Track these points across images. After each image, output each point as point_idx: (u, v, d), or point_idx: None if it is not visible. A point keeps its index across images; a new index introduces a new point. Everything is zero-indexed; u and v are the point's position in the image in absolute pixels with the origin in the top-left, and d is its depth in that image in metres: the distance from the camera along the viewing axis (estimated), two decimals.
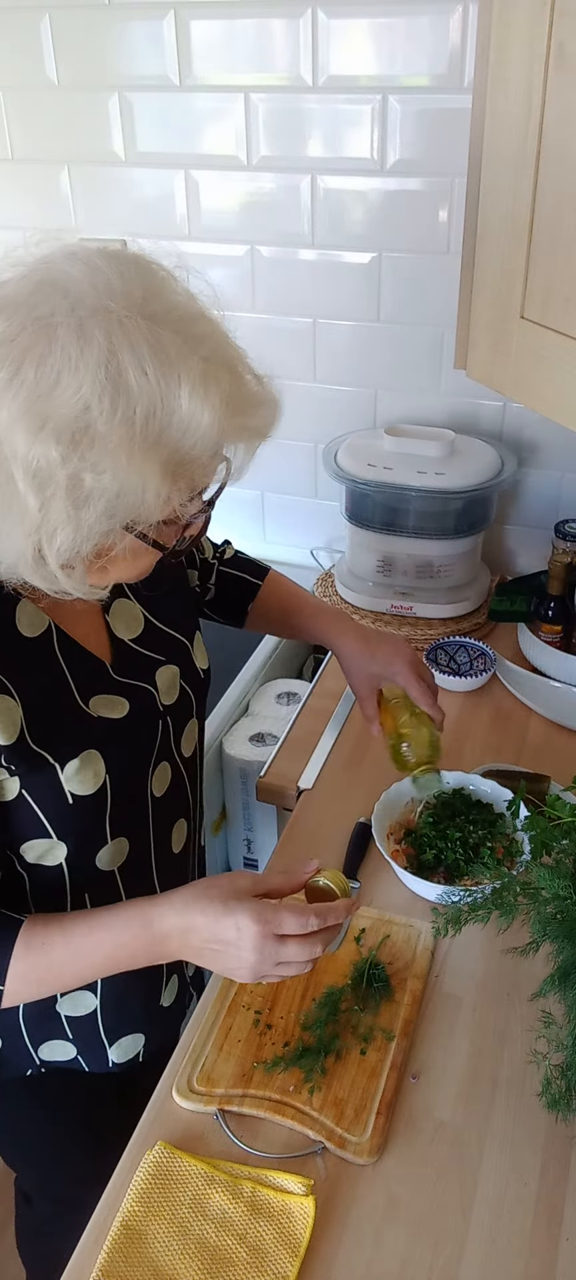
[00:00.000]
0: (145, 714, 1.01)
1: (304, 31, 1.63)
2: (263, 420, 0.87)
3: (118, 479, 0.75)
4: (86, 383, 0.73)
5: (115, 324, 0.75)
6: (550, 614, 1.64)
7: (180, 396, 0.76)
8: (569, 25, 1.10)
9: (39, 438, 0.73)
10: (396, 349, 1.83)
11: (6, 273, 0.79)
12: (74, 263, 0.78)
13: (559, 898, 0.90)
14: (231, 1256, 0.84)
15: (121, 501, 0.76)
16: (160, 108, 1.78)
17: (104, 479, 0.75)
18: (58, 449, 0.73)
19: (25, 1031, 1.05)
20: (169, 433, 0.76)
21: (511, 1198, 0.89)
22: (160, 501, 0.78)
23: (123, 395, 0.74)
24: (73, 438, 0.73)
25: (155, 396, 0.75)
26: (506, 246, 1.27)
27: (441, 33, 1.57)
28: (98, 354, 0.73)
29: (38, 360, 0.73)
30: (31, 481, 0.74)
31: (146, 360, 0.75)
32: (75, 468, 0.74)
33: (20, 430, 0.73)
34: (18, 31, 1.80)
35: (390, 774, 1.31)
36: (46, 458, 0.73)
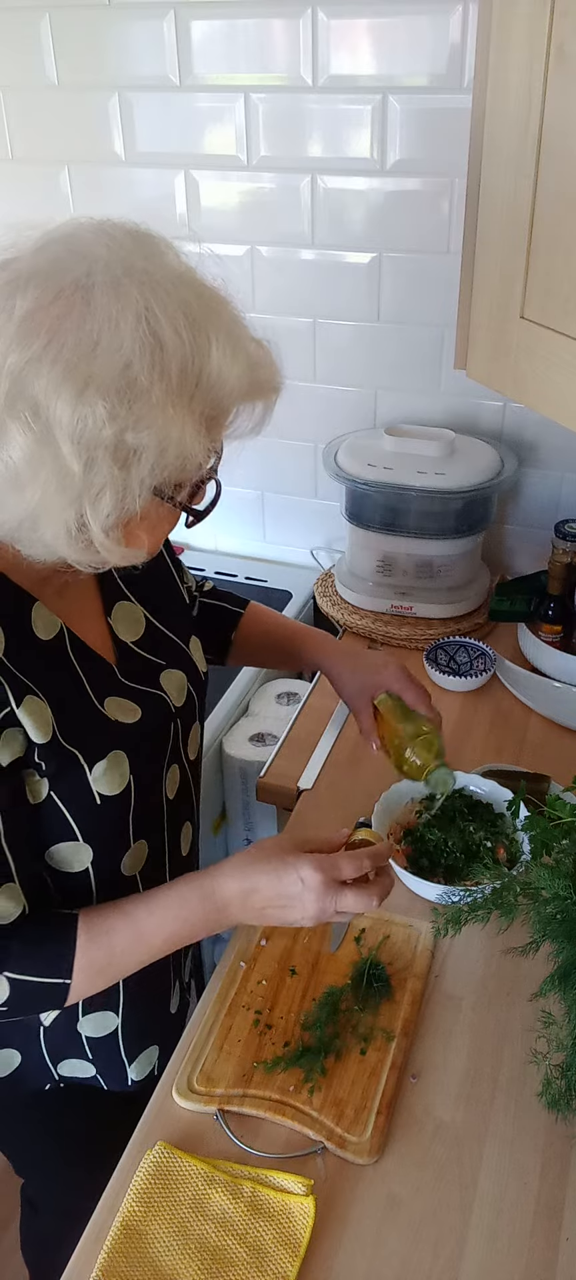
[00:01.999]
0: (158, 716, 1.01)
1: (304, 31, 1.63)
2: (275, 377, 0.89)
3: (160, 433, 0.76)
4: (127, 340, 0.74)
5: (147, 283, 0.76)
6: (550, 614, 1.64)
7: (210, 353, 0.78)
8: (569, 25, 1.10)
9: (83, 398, 0.73)
10: (396, 349, 1.83)
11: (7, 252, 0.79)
12: (86, 231, 0.80)
13: (559, 898, 0.90)
14: (231, 1256, 0.84)
15: (164, 457, 0.77)
16: (160, 108, 1.78)
17: (146, 435, 0.75)
18: (104, 407, 0.73)
19: (45, 1049, 1.05)
20: (202, 386, 0.78)
21: (511, 1198, 0.89)
22: (199, 453, 0.79)
23: (160, 351, 0.75)
24: (117, 395, 0.74)
25: (188, 353, 0.76)
26: (506, 246, 1.27)
27: (441, 33, 1.57)
28: (136, 311, 0.75)
29: (77, 323, 0.74)
30: (76, 446, 0.74)
31: (178, 318, 0.76)
32: (120, 426, 0.74)
33: (64, 395, 0.73)
34: (18, 31, 1.80)
35: (390, 774, 1.31)
36: (92, 418, 0.73)
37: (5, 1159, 1.27)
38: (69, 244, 0.79)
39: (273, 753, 1.50)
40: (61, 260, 0.77)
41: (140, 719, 0.97)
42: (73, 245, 0.78)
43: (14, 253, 0.79)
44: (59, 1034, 1.05)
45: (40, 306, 0.74)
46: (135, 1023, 1.07)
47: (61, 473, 0.75)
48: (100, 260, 0.77)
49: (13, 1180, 1.36)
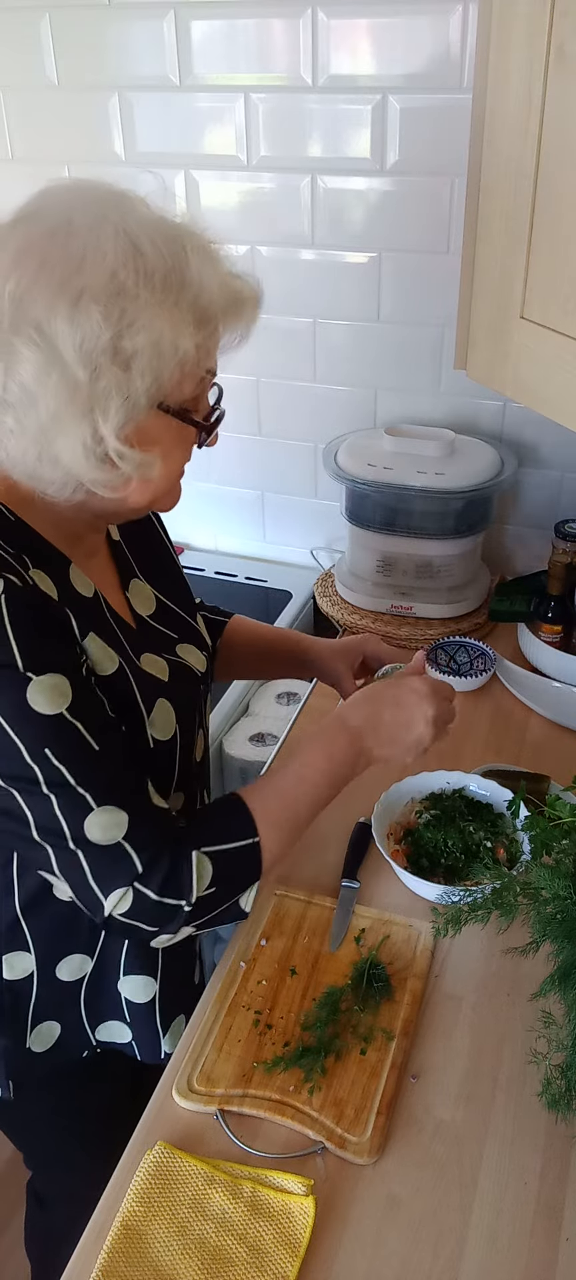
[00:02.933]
0: (185, 677, 1.05)
1: (304, 31, 1.63)
2: (254, 287, 0.95)
3: (152, 332, 0.82)
4: (109, 253, 0.81)
5: (124, 209, 0.85)
6: (550, 614, 1.64)
7: (188, 261, 0.85)
8: (569, 25, 1.10)
9: (79, 308, 0.79)
10: (396, 349, 1.83)
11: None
12: (61, 187, 0.88)
13: (559, 898, 0.90)
14: (231, 1256, 0.84)
15: (160, 355, 0.82)
16: (160, 108, 1.78)
17: (141, 336, 0.81)
18: (98, 312, 0.79)
19: (85, 1012, 1.07)
20: (186, 290, 0.84)
21: (511, 1198, 0.89)
22: (194, 350, 0.84)
23: (141, 258, 0.82)
24: (108, 301, 0.80)
25: (167, 262, 0.84)
26: (506, 246, 1.27)
27: (441, 33, 1.57)
28: (114, 231, 0.82)
29: (63, 245, 0.81)
30: (79, 354, 0.80)
31: (153, 234, 0.84)
32: (115, 329, 0.80)
33: (61, 308, 0.79)
34: (18, 31, 1.80)
35: (390, 774, 1.31)
36: (89, 324, 0.79)
37: (5, 1158, 1.27)
38: (45, 200, 0.86)
39: (273, 753, 1.50)
40: (41, 211, 0.85)
41: (171, 677, 1.02)
42: (49, 201, 0.86)
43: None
44: (100, 995, 1.07)
45: (30, 240, 0.82)
46: (169, 990, 1.10)
47: (70, 384, 0.81)
48: (79, 199, 0.85)
49: (13, 1179, 1.36)
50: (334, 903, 1.19)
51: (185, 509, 1.05)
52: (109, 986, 1.07)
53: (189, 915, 0.91)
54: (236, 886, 0.95)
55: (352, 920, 1.16)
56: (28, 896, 1.00)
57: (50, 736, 0.84)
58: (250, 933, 1.15)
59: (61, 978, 1.05)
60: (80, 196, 0.86)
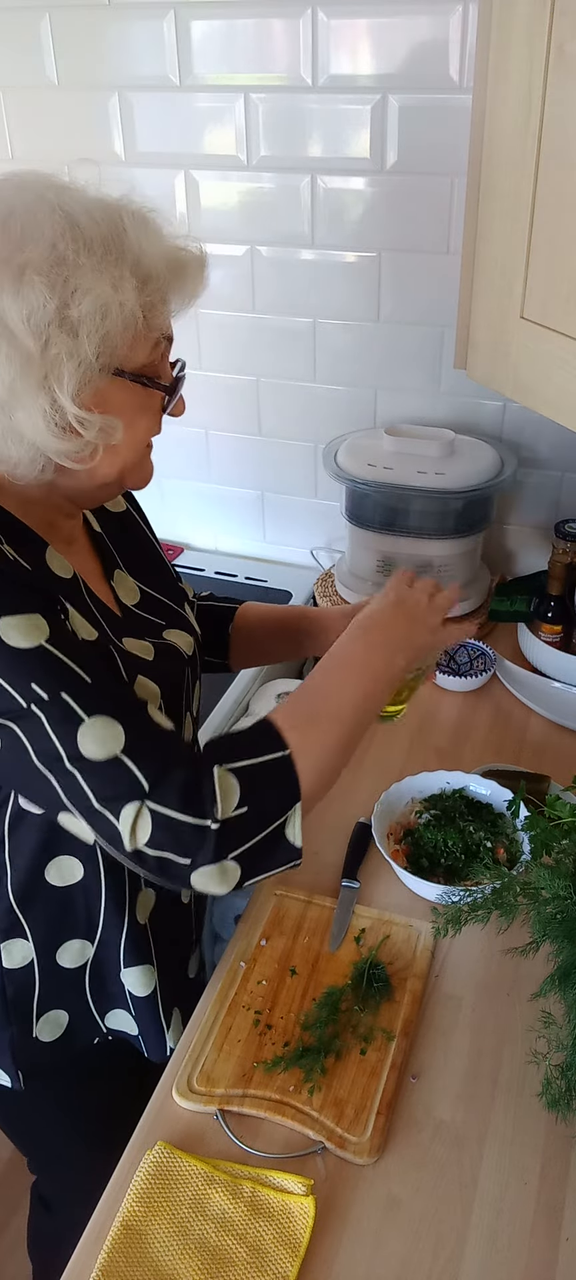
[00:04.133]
0: (172, 659, 1.04)
1: (304, 31, 1.63)
2: (199, 259, 0.95)
3: (97, 295, 0.83)
4: (47, 228, 0.83)
5: (59, 188, 0.88)
6: (550, 614, 1.64)
7: (127, 230, 0.87)
8: (569, 25, 1.10)
9: (23, 281, 0.81)
10: (396, 349, 1.83)
11: None
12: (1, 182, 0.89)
13: (559, 898, 0.90)
14: (231, 1256, 0.84)
15: (106, 317, 0.84)
16: (160, 108, 1.78)
17: (87, 300, 0.83)
18: (42, 283, 0.82)
19: (91, 999, 1.07)
20: (126, 254, 0.86)
21: (511, 1198, 0.89)
22: (140, 310, 0.86)
23: (78, 229, 0.84)
24: (50, 269, 0.82)
25: (105, 232, 0.86)
26: (506, 246, 1.27)
27: (441, 33, 1.56)
28: (50, 208, 0.85)
29: (1, 228, 0.83)
30: (27, 326, 0.82)
31: (91, 208, 0.87)
32: (60, 297, 0.82)
33: (6, 285, 0.81)
34: (18, 31, 1.80)
35: (390, 774, 1.31)
36: (34, 295, 0.81)
37: (6, 1159, 1.27)
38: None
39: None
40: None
41: (155, 657, 1.00)
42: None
43: None
44: (104, 983, 1.07)
45: None
46: (168, 981, 1.10)
47: (23, 356, 0.82)
48: (15, 186, 0.87)
49: (14, 1179, 1.36)
50: (334, 903, 1.19)
51: (185, 509, 1.05)
52: (112, 975, 1.07)
53: (220, 840, 0.83)
54: (271, 809, 0.87)
55: (352, 920, 1.16)
56: (21, 881, 0.99)
57: (32, 667, 0.82)
58: (250, 933, 1.15)
59: (63, 965, 1.04)
60: (16, 184, 0.88)
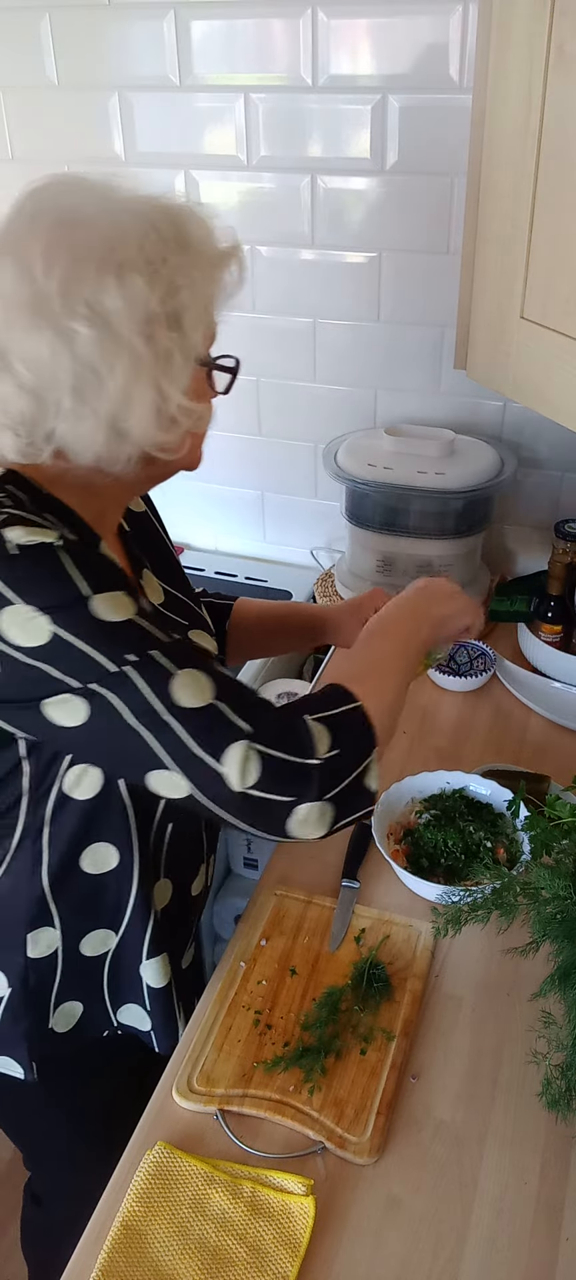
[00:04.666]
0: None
1: (304, 31, 1.63)
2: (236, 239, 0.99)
3: (192, 286, 0.89)
4: (129, 228, 0.86)
5: (117, 188, 0.91)
6: (550, 614, 1.64)
7: (187, 225, 0.91)
8: (569, 25, 1.10)
9: (123, 281, 0.84)
10: (396, 349, 1.83)
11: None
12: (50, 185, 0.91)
13: (559, 898, 0.90)
14: (231, 1256, 0.84)
15: (203, 307, 0.90)
16: (160, 108, 1.78)
17: (183, 294, 0.88)
18: (141, 280, 0.85)
19: (107, 991, 1.08)
20: (193, 246, 0.90)
21: (511, 1198, 0.89)
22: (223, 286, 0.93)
23: (157, 227, 0.88)
24: (146, 267, 0.86)
25: (176, 228, 0.89)
26: (506, 246, 1.28)
27: (441, 33, 1.57)
28: (121, 210, 0.88)
29: (84, 233, 0.85)
30: (134, 324, 0.85)
31: (149, 208, 0.89)
32: (160, 293, 0.86)
33: (108, 285, 0.84)
34: (18, 31, 1.80)
35: (390, 774, 1.31)
36: (135, 292, 0.84)
37: (7, 1160, 1.27)
38: (39, 197, 0.89)
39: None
40: (42, 208, 0.88)
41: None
42: (42, 196, 0.89)
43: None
44: (122, 976, 1.07)
45: (49, 235, 0.85)
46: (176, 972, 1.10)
47: (133, 358, 0.85)
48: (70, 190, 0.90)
49: (17, 1180, 1.36)
50: (334, 903, 1.19)
51: (185, 509, 1.05)
52: (131, 968, 1.07)
53: (321, 779, 0.86)
54: (357, 752, 0.91)
55: (352, 920, 1.16)
56: (56, 868, 0.99)
57: (124, 637, 0.84)
58: (250, 933, 1.15)
59: (85, 954, 1.05)
60: (70, 188, 0.90)
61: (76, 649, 0.82)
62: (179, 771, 0.85)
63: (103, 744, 0.87)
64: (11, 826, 0.97)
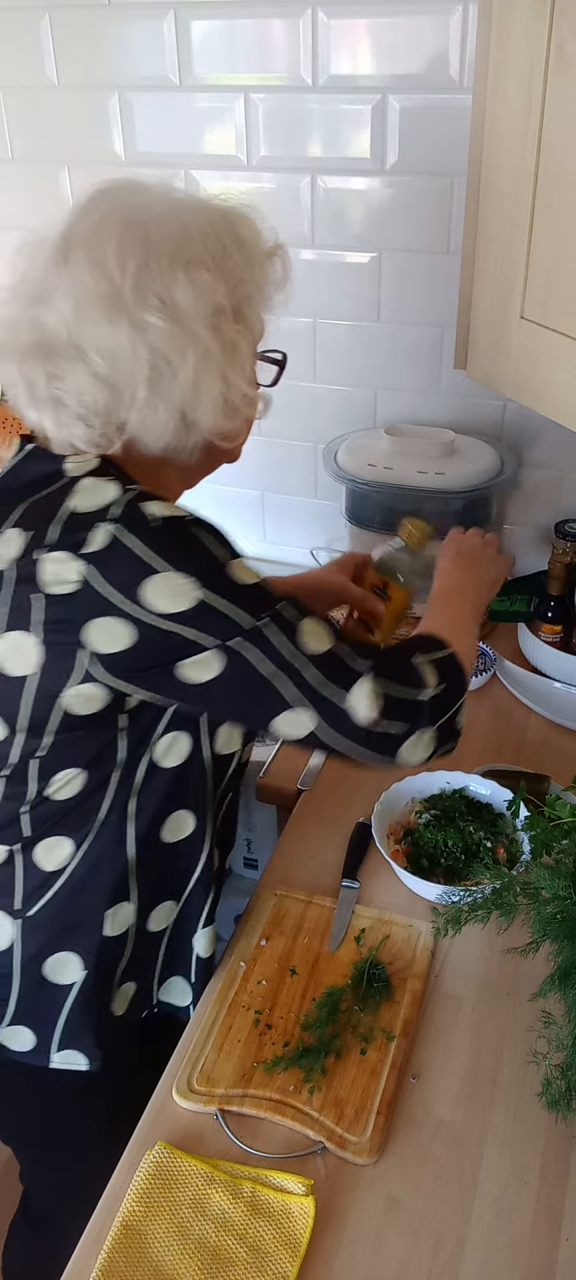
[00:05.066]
0: None
1: (304, 31, 1.63)
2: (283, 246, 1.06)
3: (250, 281, 0.96)
4: (192, 227, 0.93)
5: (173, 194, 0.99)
6: (550, 614, 1.64)
7: (236, 225, 0.98)
8: (569, 25, 1.10)
9: (191, 276, 0.90)
10: (396, 349, 1.83)
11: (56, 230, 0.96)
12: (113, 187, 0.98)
13: (559, 898, 0.90)
14: (231, 1256, 0.84)
15: (263, 299, 0.98)
16: (160, 108, 1.78)
17: (245, 288, 0.95)
18: (208, 275, 0.91)
19: (159, 966, 1.10)
20: (246, 244, 0.97)
21: (511, 1198, 0.89)
22: (275, 281, 1.01)
23: (213, 228, 0.94)
24: (212, 263, 0.92)
25: (227, 226, 0.96)
26: (506, 246, 1.27)
27: (441, 33, 1.56)
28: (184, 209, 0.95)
29: (157, 230, 0.91)
30: (201, 317, 0.91)
31: (204, 209, 0.97)
32: (225, 286, 0.93)
33: (179, 279, 0.90)
34: (18, 31, 1.80)
35: (390, 774, 1.31)
36: (203, 285, 0.91)
37: (5, 1160, 1.25)
38: (107, 197, 0.96)
39: (273, 753, 1.50)
40: (112, 207, 0.94)
41: None
42: (110, 197, 0.96)
43: (63, 227, 0.95)
44: (176, 948, 1.10)
45: (121, 233, 0.91)
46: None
47: (201, 346, 0.91)
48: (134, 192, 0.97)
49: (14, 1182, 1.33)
50: (334, 903, 1.19)
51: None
52: (185, 940, 1.10)
53: (431, 710, 0.97)
54: (456, 691, 1.01)
55: (352, 920, 1.16)
56: (140, 839, 1.01)
57: (256, 597, 0.92)
58: (250, 933, 1.15)
59: (150, 929, 1.07)
60: (135, 190, 0.97)
61: (219, 611, 0.88)
62: (307, 710, 0.92)
63: (234, 694, 0.92)
64: (98, 804, 0.98)
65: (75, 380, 0.90)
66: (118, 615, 0.86)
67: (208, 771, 1.04)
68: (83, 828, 0.98)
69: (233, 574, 0.90)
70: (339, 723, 0.92)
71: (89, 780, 0.97)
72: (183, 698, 0.92)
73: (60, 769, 0.95)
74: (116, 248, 0.90)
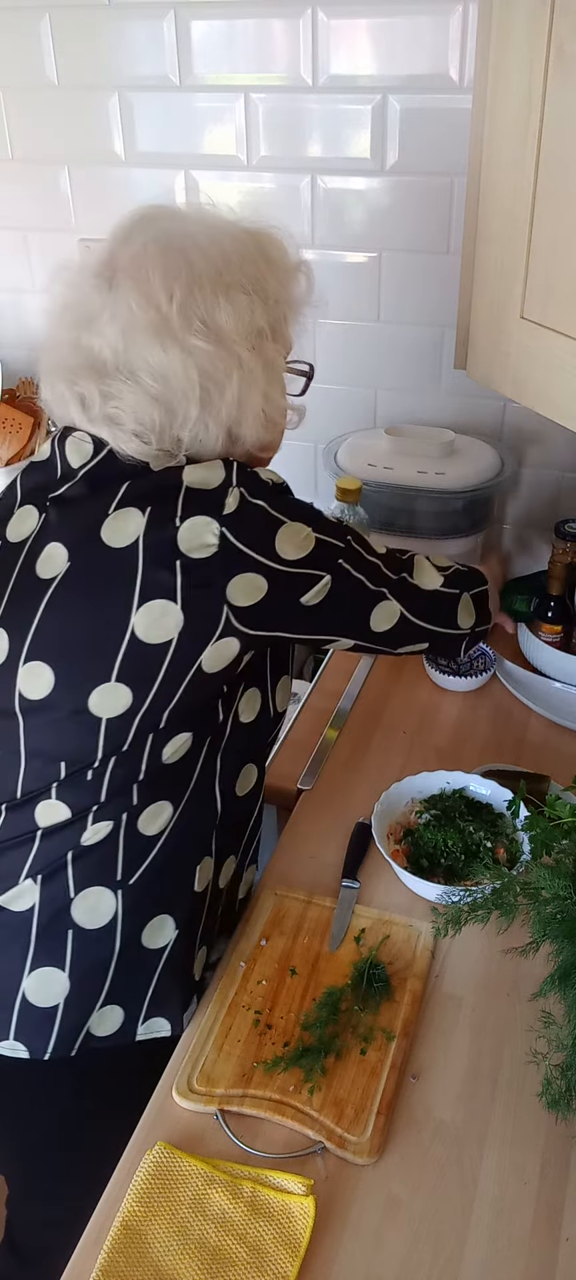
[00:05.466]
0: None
1: (304, 31, 1.63)
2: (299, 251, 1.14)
3: (284, 302, 1.05)
4: (231, 253, 1.01)
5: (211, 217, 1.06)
6: (550, 614, 1.64)
7: (266, 247, 1.06)
8: (569, 25, 1.10)
9: (231, 300, 0.98)
10: (396, 349, 1.83)
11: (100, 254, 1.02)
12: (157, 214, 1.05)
13: (559, 898, 0.90)
14: (231, 1256, 0.84)
15: (296, 318, 1.08)
16: (160, 108, 1.78)
17: (280, 307, 1.04)
18: (246, 299, 0.99)
19: (217, 927, 1.15)
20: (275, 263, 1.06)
21: (511, 1198, 0.89)
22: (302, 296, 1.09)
23: (247, 249, 1.03)
24: (250, 286, 1.00)
25: (258, 249, 1.05)
26: (506, 246, 1.27)
27: (441, 33, 1.56)
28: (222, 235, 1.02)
29: (200, 257, 0.98)
30: (242, 338, 0.99)
31: (237, 233, 1.04)
32: (261, 306, 1.01)
33: (220, 303, 0.97)
34: (18, 31, 1.80)
35: (390, 774, 1.31)
36: (242, 307, 0.99)
37: None
38: (150, 223, 1.02)
39: (273, 752, 1.50)
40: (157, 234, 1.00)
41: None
42: (154, 223, 1.02)
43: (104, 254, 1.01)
44: (229, 902, 1.17)
45: (166, 261, 0.97)
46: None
47: (243, 366, 0.99)
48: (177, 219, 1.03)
49: None
50: (334, 903, 1.19)
51: None
52: (235, 890, 1.18)
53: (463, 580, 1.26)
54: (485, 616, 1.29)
55: (352, 920, 1.16)
56: (227, 790, 1.08)
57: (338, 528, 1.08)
58: (250, 933, 1.15)
59: (220, 886, 1.12)
60: (174, 216, 1.04)
61: (328, 544, 1.03)
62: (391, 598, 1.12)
63: (343, 602, 1.06)
64: (195, 764, 1.04)
65: (131, 399, 0.97)
66: (255, 569, 0.96)
67: (272, 724, 1.13)
68: (180, 788, 1.03)
69: (323, 516, 1.06)
70: (413, 599, 1.13)
71: (193, 742, 1.02)
72: (298, 627, 1.04)
73: (175, 734, 1.00)
74: (162, 276, 0.96)
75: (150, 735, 0.98)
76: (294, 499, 1.04)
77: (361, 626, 1.11)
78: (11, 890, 1.02)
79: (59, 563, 0.97)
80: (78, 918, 1.01)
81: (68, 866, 1.01)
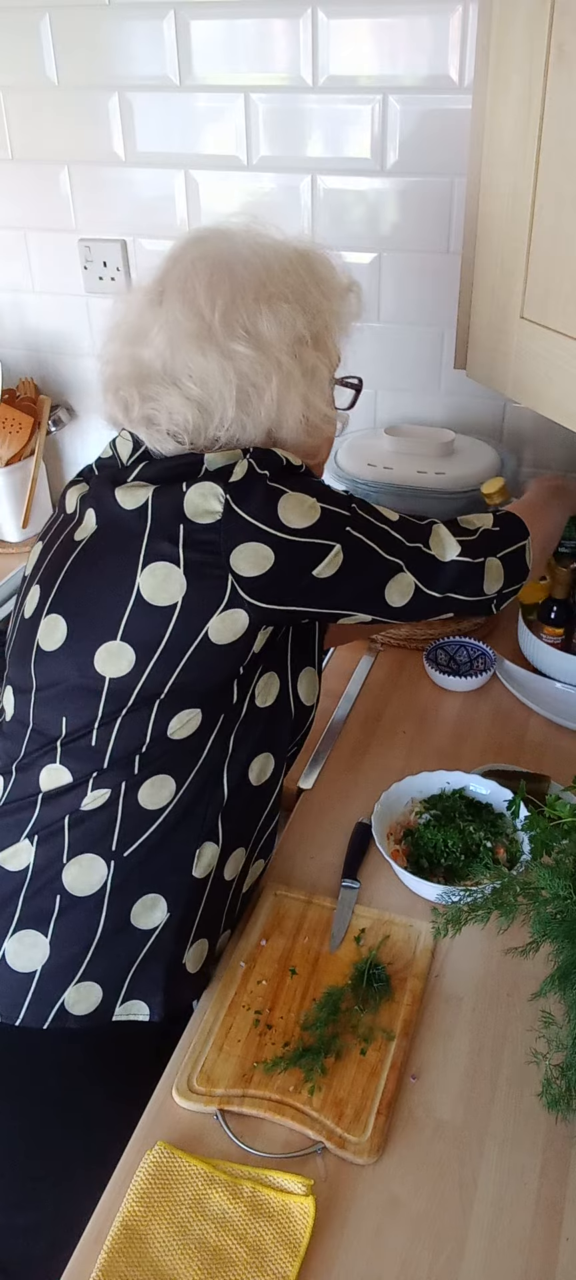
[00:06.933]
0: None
1: (304, 31, 1.63)
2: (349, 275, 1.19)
3: (327, 313, 1.10)
4: (274, 265, 1.07)
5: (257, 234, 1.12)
6: (553, 616, 1.64)
7: (310, 261, 1.11)
8: (569, 25, 1.10)
9: (274, 308, 1.03)
10: (396, 349, 1.83)
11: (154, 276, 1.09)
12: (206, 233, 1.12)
13: (559, 898, 0.90)
14: (231, 1256, 0.84)
15: (340, 328, 1.13)
16: (160, 108, 1.78)
17: (321, 319, 1.09)
18: (288, 308, 1.04)
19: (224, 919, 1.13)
20: (320, 279, 1.11)
21: (511, 1198, 0.89)
22: (351, 313, 1.15)
23: (291, 263, 1.08)
24: (293, 296, 1.05)
25: (303, 261, 1.10)
26: (506, 246, 1.28)
27: (441, 33, 1.57)
28: (265, 249, 1.08)
29: (243, 269, 1.04)
30: (284, 346, 1.04)
31: (282, 248, 1.10)
32: (305, 318, 1.06)
33: (263, 311, 1.03)
34: (18, 31, 1.80)
35: (390, 774, 1.31)
36: (284, 317, 1.04)
37: None
38: (201, 243, 1.09)
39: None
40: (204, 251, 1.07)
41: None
42: (205, 242, 1.09)
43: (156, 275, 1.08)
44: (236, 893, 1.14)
45: (211, 274, 1.04)
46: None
47: (283, 371, 1.03)
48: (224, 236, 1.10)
49: None
50: (334, 903, 1.19)
51: None
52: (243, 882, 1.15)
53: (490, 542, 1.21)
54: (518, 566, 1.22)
55: (352, 920, 1.16)
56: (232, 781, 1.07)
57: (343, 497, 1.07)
58: (250, 933, 1.15)
59: (226, 877, 1.11)
60: (224, 235, 1.10)
61: (335, 513, 1.03)
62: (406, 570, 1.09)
63: (355, 573, 1.04)
64: (204, 743, 1.04)
65: (168, 400, 1.02)
66: (260, 539, 0.97)
67: (292, 712, 1.12)
68: (186, 767, 1.03)
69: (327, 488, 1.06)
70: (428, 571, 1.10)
71: (203, 720, 1.02)
72: (311, 600, 1.03)
73: (181, 708, 1.00)
74: (206, 287, 1.02)
75: (155, 704, 0.99)
76: (305, 477, 1.05)
77: (377, 599, 1.09)
78: (9, 849, 1.04)
79: (89, 527, 1.04)
80: (67, 882, 1.02)
81: (64, 830, 1.02)
